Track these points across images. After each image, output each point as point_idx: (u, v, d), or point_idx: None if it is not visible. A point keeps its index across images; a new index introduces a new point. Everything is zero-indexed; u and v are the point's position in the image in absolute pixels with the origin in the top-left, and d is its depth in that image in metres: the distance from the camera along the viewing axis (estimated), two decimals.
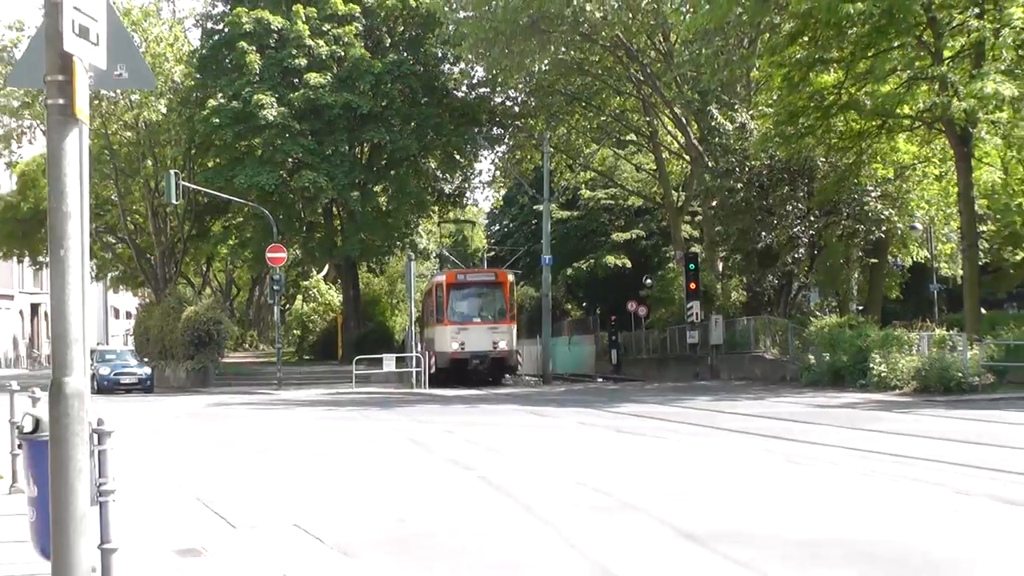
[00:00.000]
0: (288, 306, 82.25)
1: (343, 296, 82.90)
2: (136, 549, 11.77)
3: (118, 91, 56.69)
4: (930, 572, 11.90)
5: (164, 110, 69.34)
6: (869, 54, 39.76)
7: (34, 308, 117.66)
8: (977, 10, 37.44)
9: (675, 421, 31.61)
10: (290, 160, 65.51)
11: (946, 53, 37.63)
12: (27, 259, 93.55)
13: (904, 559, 12.28)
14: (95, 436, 8.55)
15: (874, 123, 46.22)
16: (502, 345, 66.44)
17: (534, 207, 69.93)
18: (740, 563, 12.11)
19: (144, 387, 57.42)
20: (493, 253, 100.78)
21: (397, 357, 64.41)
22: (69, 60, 7.24)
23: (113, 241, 77.26)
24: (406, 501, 17.36)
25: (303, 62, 64.76)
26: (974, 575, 11.74)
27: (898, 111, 44.00)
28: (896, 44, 39.39)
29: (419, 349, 67.69)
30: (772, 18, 44.21)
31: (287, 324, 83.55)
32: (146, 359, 63.11)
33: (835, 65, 41.26)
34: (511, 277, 73.47)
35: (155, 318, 72.16)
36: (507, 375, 72.28)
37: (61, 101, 7.25)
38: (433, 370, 62.54)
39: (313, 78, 63.79)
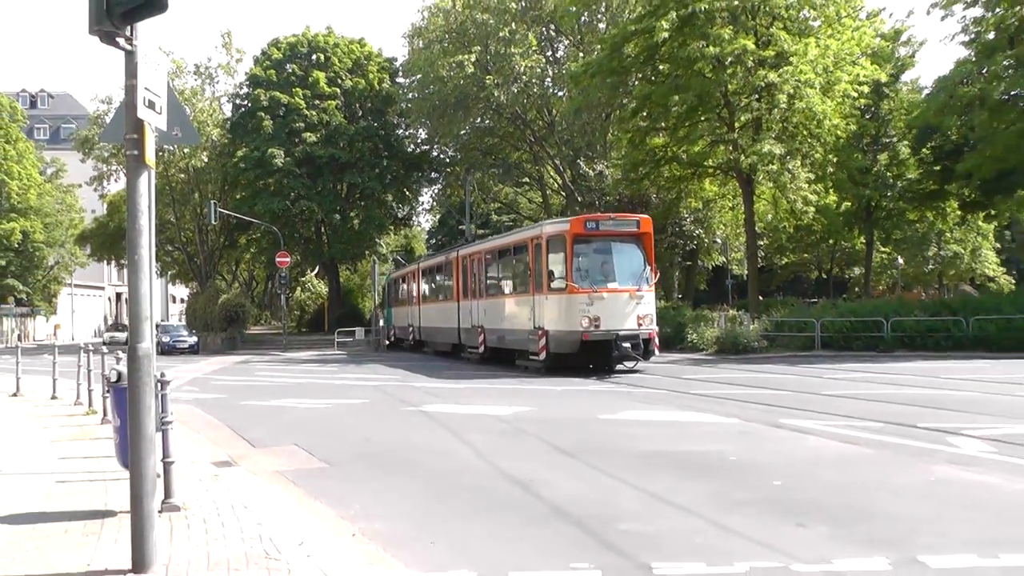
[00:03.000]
0: (291, 294, 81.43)
1: (328, 287, 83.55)
2: (189, 462, 11.80)
3: (174, 145, 55.99)
4: (725, 469, 12.17)
5: (206, 159, 70.14)
6: (686, 125, 39.91)
7: (117, 296, 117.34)
8: (757, 96, 37.66)
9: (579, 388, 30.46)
10: (292, 194, 65.40)
11: (737, 125, 37.90)
12: (113, 261, 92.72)
13: (708, 463, 12.72)
14: (158, 384, 8.78)
15: (689, 171, 46.05)
16: (648, 323, 31.38)
17: (459, 227, 66.66)
18: (596, 467, 12.42)
19: (193, 350, 56.68)
20: None
21: (364, 329, 64.28)
22: (141, 124, 7.41)
23: (171, 249, 76.71)
24: (370, 429, 17.44)
25: (301, 126, 65.87)
26: (755, 470, 11.88)
27: (705, 163, 44.45)
28: (704, 118, 39.68)
29: (467, 324, 38.91)
30: (621, 100, 44.18)
31: (290, 307, 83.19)
32: (194, 331, 62.57)
33: (663, 132, 41.37)
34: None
35: (200, 302, 72.45)
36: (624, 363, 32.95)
37: (136, 152, 7.41)
38: (543, 355, 31.12)
39: (308, 137, 65.60)
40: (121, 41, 7.21)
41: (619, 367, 30.75)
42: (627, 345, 28.82)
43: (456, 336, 40.95)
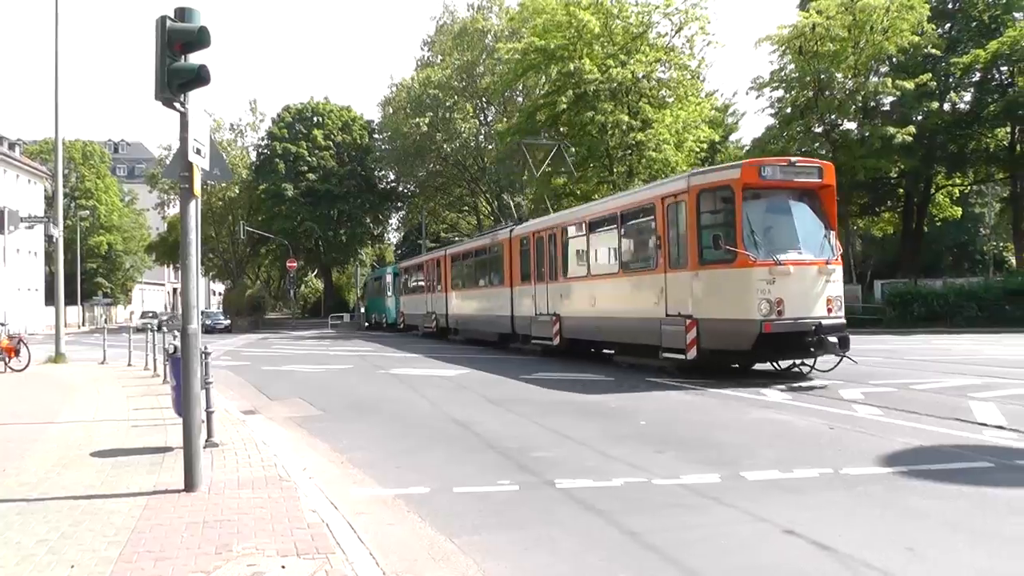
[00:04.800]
0: (297, 289, 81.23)
1: (324, 284, 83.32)
2: (224, 411, 11.69)
3: (215, 181, 55.41)
4: (604, 411, 12.19)
5: (237, 191, 70.65)
6: (580, 170, 39.93)
7: (174, 290, 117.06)
8: (630, 151, 37.88)
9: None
10: (298, 217, 64.88)
11: (616, 170, 38.02)
12: (171, 265, 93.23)
13: (596, 408, 12.70)
14: (203, 355, 8.72)
15: (582, 204, 45.00)
16: (837, 308, 15.45)
17: (418, 242, 66.08)
18: (517, 412, 12.50)
19: (228, 330, 55.69)
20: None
21: (350, 315, 64.08)
22: (191, 165, 7.46)
23: (212, 256, 75.94)
24: (354, 386, 17.40)
25: (305, 168, 65.95)
26: (628, 413, 11.89)
27: (593, 198, 44.29)
28: (592, 166, 39.66)
29: (525, 312, 25.33)
30: (534, 152, 44.20)
31: (297, 298, 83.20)
32: (228, 316, 61.88)
33: (564, 175, 41.35)
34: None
35: (233, 295, 73.80)
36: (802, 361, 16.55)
37: (187, 186, 7.45)
38: (692, 352, 15.86)
39: (310, 176, 65.76)
40: (177, 105, 7.30)
41: (798, 367, 16.55)
42: (833, 339, 14.87)
43: (508, 325, 26.35)
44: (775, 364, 16.84)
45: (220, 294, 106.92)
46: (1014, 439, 9.37)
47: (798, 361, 16.29)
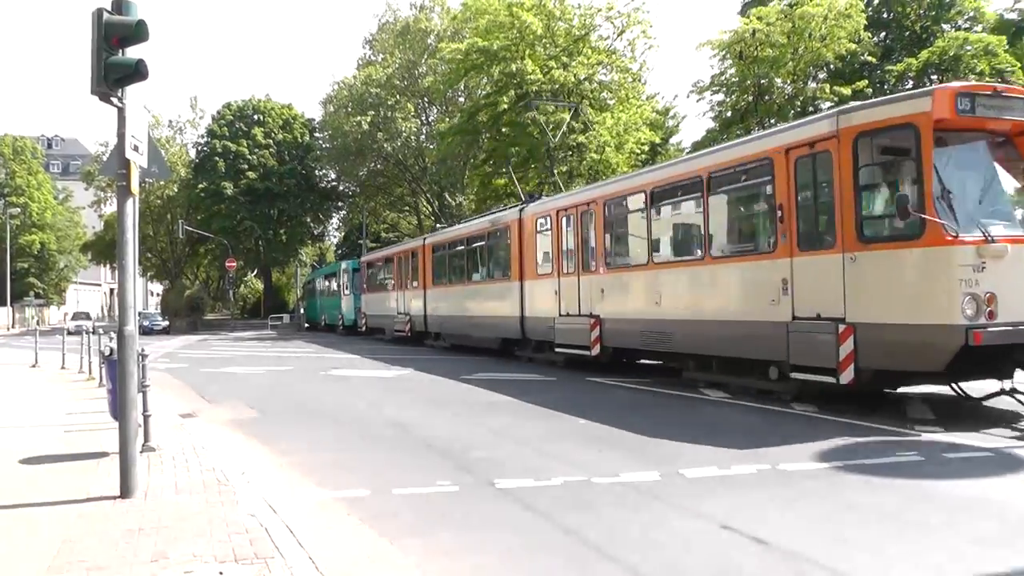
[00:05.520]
0: (236, 290, 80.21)
1: (263, 284, 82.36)
2: (161, 415, 11.45)
3: (153, 179, 54.53)
4: (546, 411, 12.13)
5: (176, 189, 68.75)
6: (521, 170, 39.89)
7: (110, 290, 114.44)
8: (571, 152, 38.02)
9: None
10: (238, 216, 64.15)
11: (557, 171, 37.98)
12: (107, 265, 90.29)
13: (537, 408, 12.73)
14: (140, 357, 8.61)
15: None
16: None
17: (358, 242, 65.36)
18: (454, 412, 12.51)
19: (166, 332, 54.46)
20: None
21: (289, 315, 63.05)
22: (128, 162, 7.36)
23: (150, 255, 74.47)
24: (294, 388, 17.28)
25: (245, 167, 65.16)
26: (570, 413, 11.91)
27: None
28: (533, 166, 39.70)
29: (542, 312, 20.23)
30: (474, 152, 44.17)
31: (236, 299, 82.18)
32: (166, 317, 60.85)
33: (505, 175, 41.32)
34: None
35: (171, 296, 72.72)
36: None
37: (124, 184, 7.35)
38: (846, 371, 10.68)
39: (250, 175, 64.86)
40: (114, 100, 7.19)
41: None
42: None
43: (516, 328, 21.41)
44: (957, 388, 11.73)
45: (158, 295, 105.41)
46: (942, 434, 9.65)
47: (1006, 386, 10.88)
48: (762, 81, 38.18)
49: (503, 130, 39.59)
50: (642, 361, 18.29)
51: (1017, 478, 7.70)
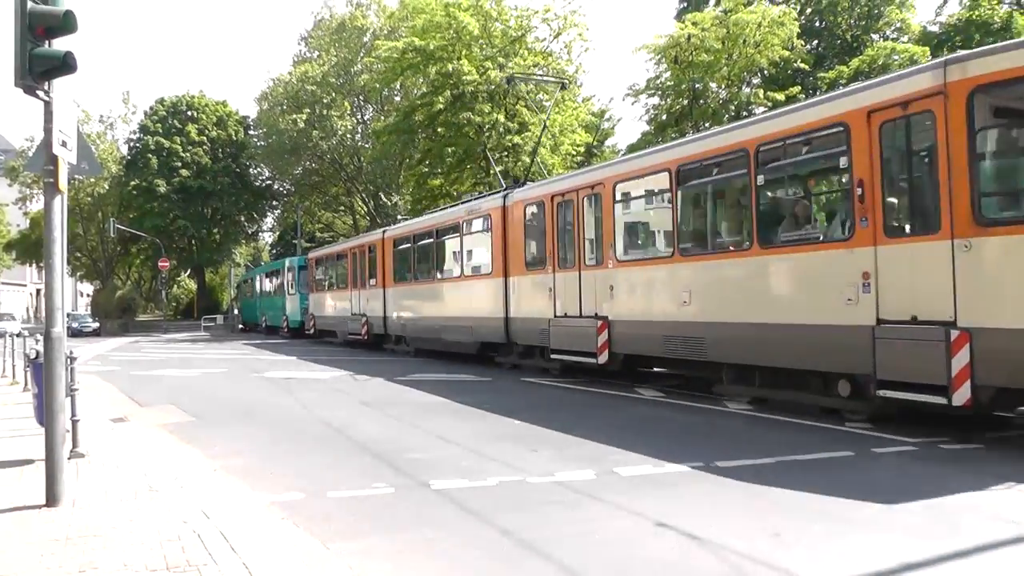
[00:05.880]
0: (169, 290, 78.73)
1: (197, 285, 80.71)
2: (90, 419, 11.18)
3: (82, 176, 53.35)
4: (481, 412, 12.12)
5: (107, 187, 67.19)
6: (457, 171, 39.90)
7: (37, 291, 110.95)
8: (506, 153, 38.08)
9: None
10: (171, 214, 63.40)
11: (492, 172, 37.98)
12: (33, 264, 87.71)
13: (472, 409, 12.71)
14: (68, 360, 8.34)
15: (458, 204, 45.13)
16: None
17: (293, 241, 64.51)
18: (392, 415, 12.47)
19: (96, 333, 53.63)
20: None
21: (223, 316, 62.07)
22: (56, 158, 7.15)
23: (79, 255, 72.62)
24: (228, 390, 17.07)
25: (179, 164, 64.27)
26: (505, 414, 11.91)
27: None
28: (469, 167, 39.67)
29: (531, 312, 17.77)
30: (410, 152, 43.90)
31: (169, 300, 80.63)
32: (96, 318, 59.53)
33: (440, 175, 41.25)
34: None
35: (101, 296, 70.99)
36: None
37: (51, 180, 7.11)
38: (965, 394, 8.53)
39: (183, 172, 64.06)
40: (40, 93, 6.93)
41: None
42: None
43: (499, 331, 18.93)
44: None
45: (88, 295, 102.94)
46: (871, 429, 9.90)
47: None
48: (697, 86, 38.70)
49: (439, 130, 39.48)
50: (656, 369, 16.23)
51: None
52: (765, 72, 41.44)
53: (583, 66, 40.26)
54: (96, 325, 56.13)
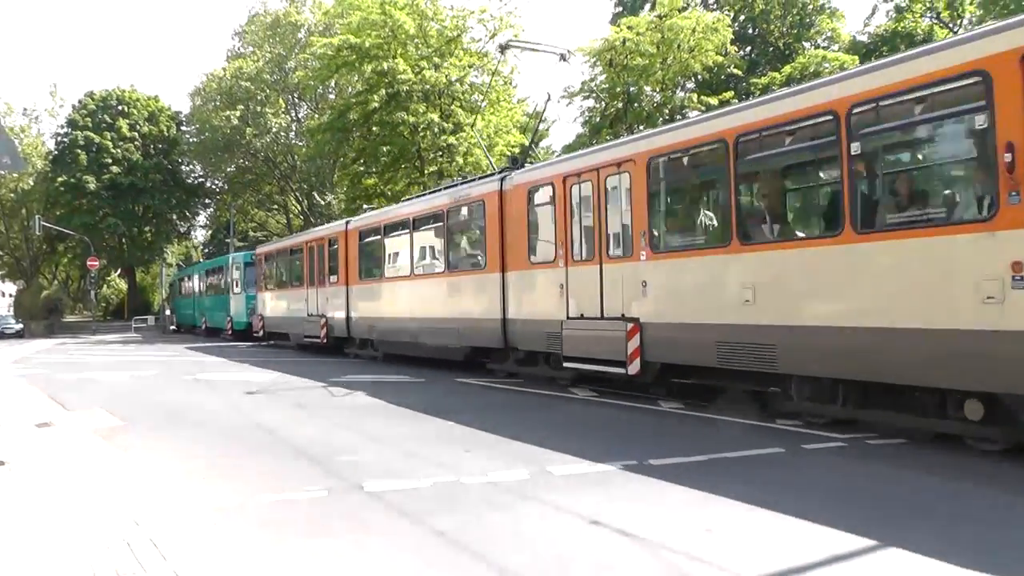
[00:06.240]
0: (98, 290, 76.89)
1: (128, 285, 79.18)
2: (11, 425, 10.87)
3: (4, 171, 51.97)
4: (416, 414, 12.09)
5: (32, 183, 65.98)
6: (391, 170, 39.80)
7: None
8: (441, 153, 38.07)
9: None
10: (100, 212, 62.29)
11: (427, 171, 38.01)
12: None
13: (407, 410, 12.66)
14: None
15: (392, 204, 44.91)
16: None
17: (226, 240, 63.46)
18: (326, 417, 12.52)
19: (20, 335, 52.35)
20: None
21: (155, 317, 60.99)
22: None
23: (2, 253, 70.62)
24: (159, 393, 16.74)
25: (108, 160, 62.87)
26: (439, 414, 11.93)
27: (403, 199, 44.25)
28: (403, 166, 39.68)
29: (537, 312, 15.19)
30: (345, 151, 43.54)
31: (98, 300, 78.45)
32: (20, 319, 57.92)
33: (374, 175, 41.05)
34: None
35: (26, 297, 69.23)
36: None
37: None
38: None
39: (114, 169, 62.70)
40: None
41: None
42: None
43: (496, 334, 16.47)
44: None
45: (11, 296, 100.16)
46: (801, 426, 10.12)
47: None
48: (631, 89, 39.11)
49: (374, 129, 39.33)
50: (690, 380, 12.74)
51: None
52: (699, 77, 42.08)
53: (518, 67, 40.44)
54: (19, 326, 54.63)
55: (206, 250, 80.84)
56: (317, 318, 26.07)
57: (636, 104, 39.88)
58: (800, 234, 10.83)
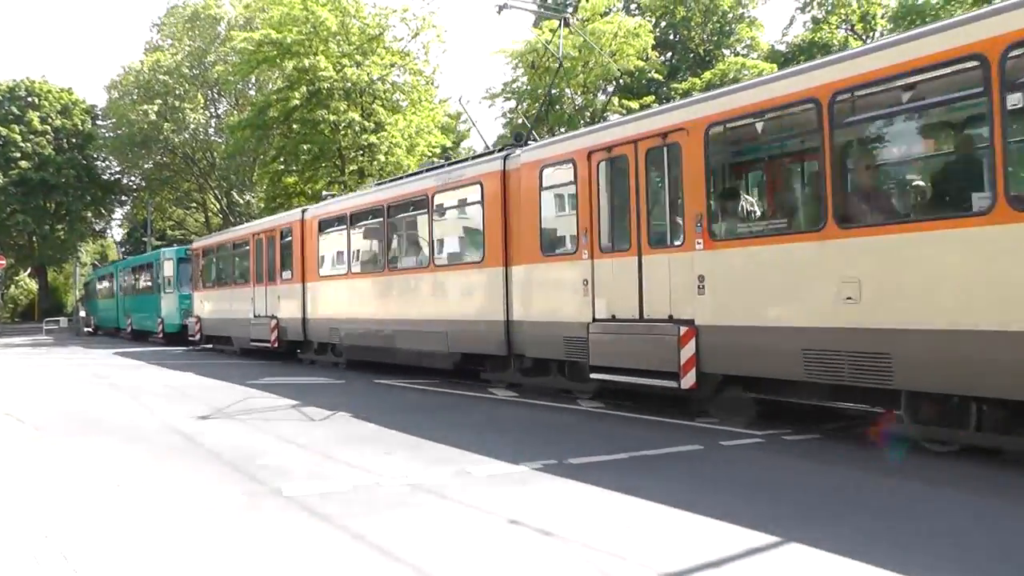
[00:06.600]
0: (5, 291, 74.17)
1: (39, 285, 76.67)
2: None
3: None
4: (334, 416, 11.91)
5: None
6: (312, 169, 39.28)
7: None
8: (362, 152, 37.78)
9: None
10: (8, 209, 60.15)
11: (347, 171, 37.64)
12: None
13: (325, 413, 12.42)
14: None
15: (312, 203, 44.33)
16: None
17: (143, 239, 61.80)
18: (241, 420, 12.18)
19: None
20: None
21: (68, 318, 58.89)
22: None
23: None
24: (73, 398, 16.22)
25: (17, 155, 60.73)
26: (359, 416, 11.78)
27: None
28: (324, 165, 39.14)
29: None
30: (265, 148, 42.82)
31: (5, 301, 75.72)
32: None
33: (295, 173, 40.48)
34: None
35: None
36: None
37: None
38: None
39: (23, 164, 60.61)
40: None
41: None
42: None
43: (498, 339, 14.16)
44: None
45: None
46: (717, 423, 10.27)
47: None
48: (553, 91, 39.36)
49: (294, 127, 38.83)
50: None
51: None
52: (620, 81, 42.57)
53: (440, 67, 40.47)
54: None
55: (123, 248, 78.74)
56: (266, 320, 23.40)
57: (557, 107, 40.17)
58: (927, 214, 8.49)
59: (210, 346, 30.21)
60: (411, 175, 18.78)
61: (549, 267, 13.13)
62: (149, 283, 38.40)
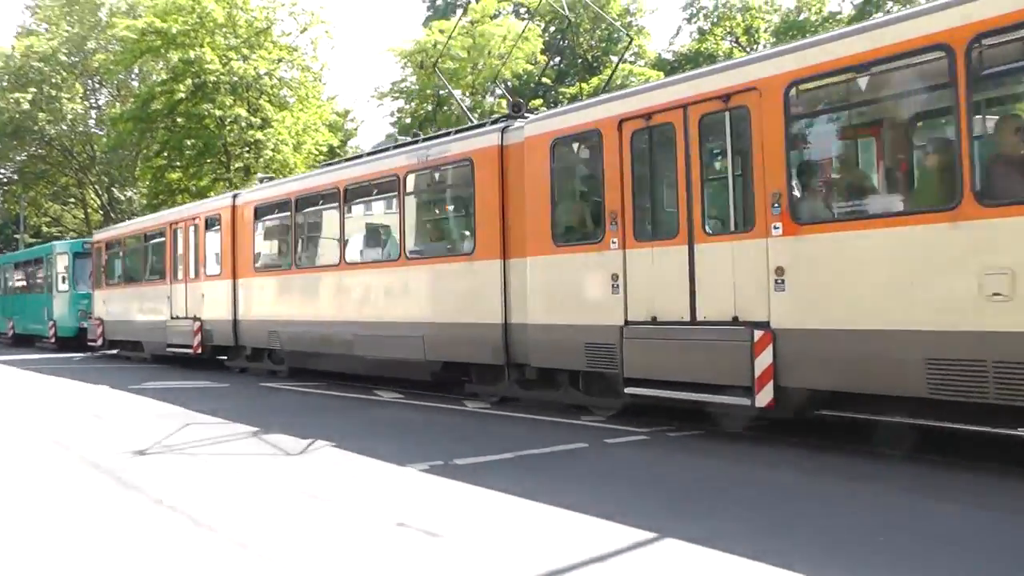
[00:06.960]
0: None
1: None
2: None
3: None
4: (216, 424, 11.62)
5: None
6: (196, 165, 38.25)
7: None
8: (248, 149, 37.09)
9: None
10: None
11: (233, 167, 36.81)
12: None
13: (206, 418, 12.02)
14: None
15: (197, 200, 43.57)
16: None
17: (14, 236, 58.63)
18: (120, 425, 11.79)
19: None
20: None
21: None
22: None
23: None
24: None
25: None
26: (242, 418, 11.53)
27: (209, 195, 42.72)
28: (209, 161, 38.17)
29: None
30: (148, 142, 41.34)
31: None
32: None
33: (179, 169, 39.32)
34: None
35: None
36: None
37: None
38: None
39: None
40: None
41: None
42: None
43: (497, 344, 11.77)
44: None
45: None
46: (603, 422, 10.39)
47: None
48: (441, 92, 39.40)
49: (179, 121, 37.74)
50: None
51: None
52: (509, 83, 42.88)
53: (328, 64, 40.09)
54: None
55: None
56: (187, 322, 20.23)
57: (446, 108, 40.21)
58: None
59: (115, 352, 26.49)
60: (376, 152, 15.56)
61: (564, 259, 10.88)
62: (37, 281, 33.27)
